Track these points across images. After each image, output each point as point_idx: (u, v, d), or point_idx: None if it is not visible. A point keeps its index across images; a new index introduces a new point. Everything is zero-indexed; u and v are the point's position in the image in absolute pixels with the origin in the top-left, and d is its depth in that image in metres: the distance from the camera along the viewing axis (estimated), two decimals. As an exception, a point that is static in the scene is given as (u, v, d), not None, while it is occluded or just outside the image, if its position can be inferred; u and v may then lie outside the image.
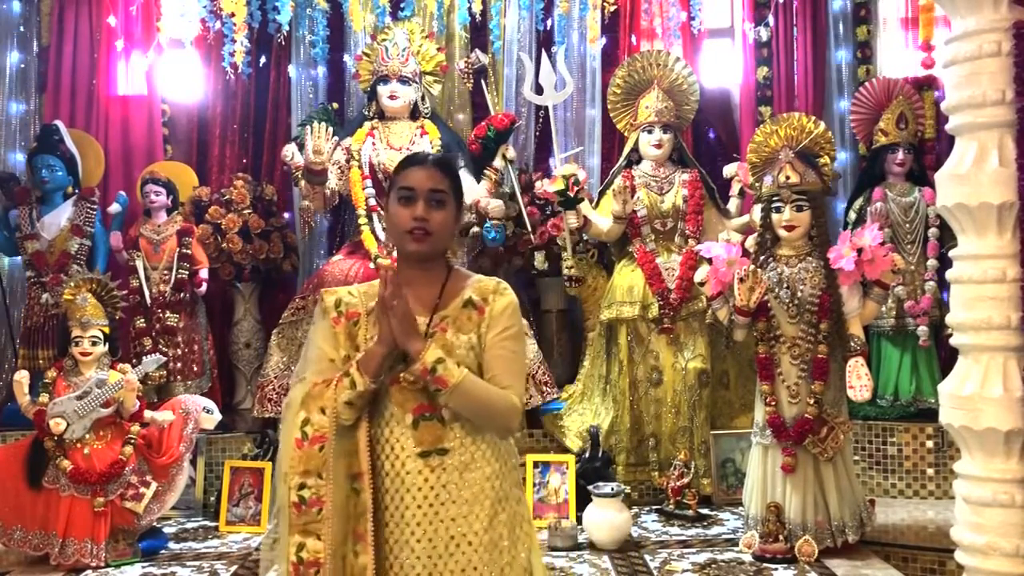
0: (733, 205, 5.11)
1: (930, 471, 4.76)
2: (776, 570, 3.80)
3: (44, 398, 4.08)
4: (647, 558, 3.98)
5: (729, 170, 5.10)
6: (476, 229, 5.15)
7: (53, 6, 5.69)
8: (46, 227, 5.13)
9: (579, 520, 4.31)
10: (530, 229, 5.11)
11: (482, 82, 5.39)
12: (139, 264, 5.07)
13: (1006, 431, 2.71)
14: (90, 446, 4.06)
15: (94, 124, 5.61)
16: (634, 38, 5.75)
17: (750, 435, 4.19)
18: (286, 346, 4.93)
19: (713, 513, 4.63)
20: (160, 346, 4.97)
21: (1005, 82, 2.71)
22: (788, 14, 5.71)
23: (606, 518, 4.12)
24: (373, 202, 4.98)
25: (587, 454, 4.66)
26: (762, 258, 4.07)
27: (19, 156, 5.56)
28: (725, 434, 4.86)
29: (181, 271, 5.09)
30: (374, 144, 5.08)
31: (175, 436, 4.22)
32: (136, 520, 4.11)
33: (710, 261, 4.15)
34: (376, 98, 5.18)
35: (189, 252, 5.11)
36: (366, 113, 5.26)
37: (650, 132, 5.06)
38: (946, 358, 4.46)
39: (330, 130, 4.81)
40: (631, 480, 4.85)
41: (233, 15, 5.32)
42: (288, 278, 5.73)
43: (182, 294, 5.10)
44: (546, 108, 5.24)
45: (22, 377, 4.18)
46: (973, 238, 2.81)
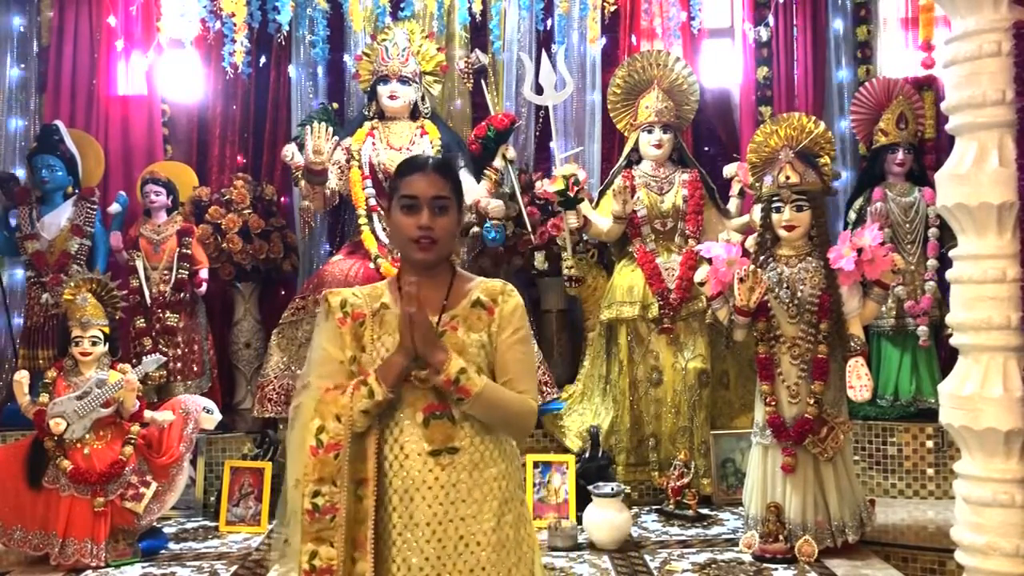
0: (733, 205, 5.11)
1: (930, 471, 4.76)
2: (776, 570, 3.80)
3: (44, 398, 4.08)
4: (647, 558, 3.98)
5: (729, 170, 5.10)
6: (476, 229, 5.15)
7: (53, 6, 5.69)
8: (46, 227, 5.13)
9: (579, 520, 4.31)
10: (530, 229, 5.11)
11: (482, 82, 5.39)
12: (139, 264, 5.07)
13: (1006, 431, 2.71)
14: (90, 446, 4.06)
15: (94, 124, 5.61)
16: (634, 38, 5.75)
17: (750, 435, 4.19)
18: (286, 346, 4.93)
19: (713, 513, 4.63)
20: (160, 346, 4.97)
21: (1005, 82, 2.71)
22: (788, 14, 5.71)
23: (606, 518, 4.12)
24: (373, 202, 4.98)
25: (587, 454, 4.66)
26: (762, 258, 4.07)
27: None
28: (725, 434, 4.86)
29: (181, 271, 5.09)
30: (374, 144, 5.08)
31: (175, 436, 4.22)
32: (136, 520, 4.11)
33: (710, 261, 4.15)
34: (376, 98, 5.18)
35: (189, 252, 5.11)
36: (366, 113, 5.26)
37: (650, 132, 5.06)
38: (946, 358, 4.46)
39: (330, 130, 4.81)
40: (631, 480, 4.85)
41: (233, 15, 5.32)
42: (288, 278, 5.73)
43: (182, 294, 5.10)
44: (546, 108, 5.24)
45: (22, 377, 4.18)
46: (973, 238, 2.81)
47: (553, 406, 4.99)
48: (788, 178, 4.01)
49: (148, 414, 4.21)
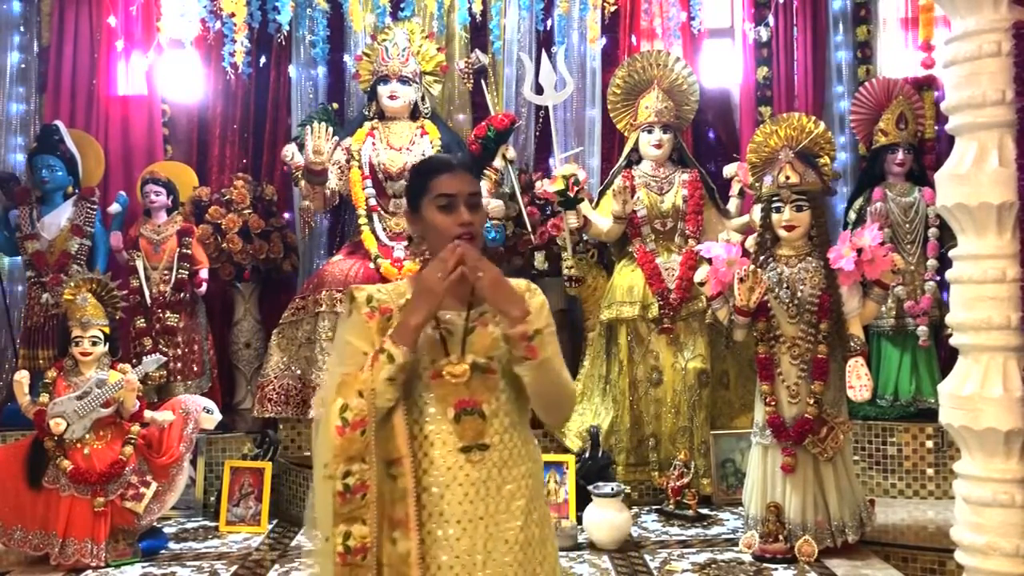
0: (733, 205, 5.11)
1: (930, 471, 4.76)
2: (776, 570, 3.80)
3: (44, 398, 4.08)
4: (647, 558, 3.98)
5: (729, 170, 5.10)
6: (476, 229, 5.14)
7: (53, 6, 5.69)
8: (46, 227, 5.13)
9: (579, 520, 4.31)
10: (530, 229, 5.11)
11: (482, 82, 5.39)
12: (139, 264, 5.07)
13: (1006, 431, 2.71)
14: (90, 446, 4.06)
15: (94, 124, 5.62)
16: (634, 38, 5.75)
17: (750, 435, 4.19)
18: (286, 346, 4.93)
19: (713, 513, 4.63)
20: (160, 346, 4.97)
21: (1005, 82, 2.71)
22: (788, 14, 5.71)
23: (606, 518, 4.12)
24: (373, 202, 4.98)
25: (587, 454, 4.66)
26: (762, 258, 4.07)
27: (19, 156, 5.55)
28: (725, 434, 4.86)
29: (181, 271, 5.09)
30: (374, 144, 5.08)
31: (175, 436, 4.22)
32: (136, 520, 4.11)
33: (710, 261, 4.15)
34: (376, 98, 5.18)
35: (189, 252, 5.11)
36: (366, 113, 5.26)
37: (650, 132, 5.06)
38: (946, 358, 4.46)
39: (330, 130, 4.81)
40: (631, 480, 4.84)
41: (233, 15, 5.32)
42: (288, 278, 5.73)
43: (182, 294, 5.11)
44: (546, 108, 5.24)
45: (22, 377, 4.18)
46: (973, 238, 2.81)
47: (553, 406, 4.97)
48: (788, 178, 4.01)
49: (148, 414, 4.21)
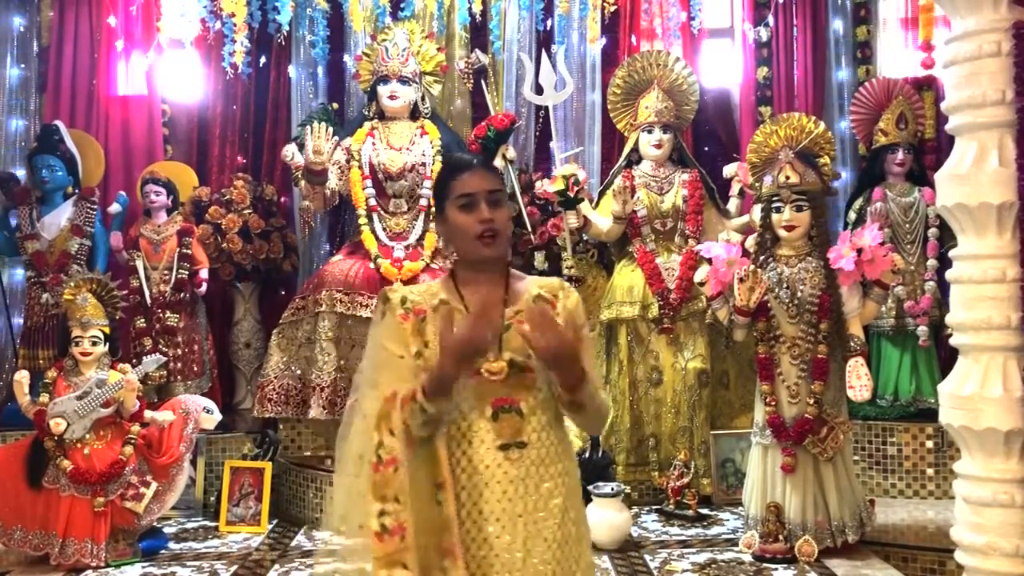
0: (733, 205, 5.11)
1: (930, 471, 4.76)
2: (776, 570, 3.80)
3: (44, 398, 4.08)
4: (647, 558, 3.98)
5: (729, 170, 5.10)
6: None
7: (53, 6, 5.69)
8: (46, 227, 5.13)
9: (579, 520, 4.31)
10: (530, 229, 5.11)
11: (482, 82, 5.39)
12: (139, 264, 5.07)
13: (1006, 431, 2.71)
14: (90, 446, 4.06)
15: (94, 124, 5.61)
16: (634, 38, 5.75)
17: (750, 435, 4.19)
18: (286, 346, 4.92)
19: (713, 513, 4.63)
20: (160, 346, 4.97)
21: (1005, 82, 2.71)
22: (788, 14, 5.71)
23: (606, 518, 4.12)
24: (373, 202, 4.98)
25: (587, 454, 4.66)
26: (762, 258, 4.07)
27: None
28: (725, 434, 4.86)
29: (181, 271, 5.09)
30: (374, 144, 5.08)
31: (175, 436, 4.22)
32: (136, 520, 4.11)
33: (710, 261, 4.15)
34: (376, 98, 5.17)
35: (189, 252, 5.11)
36: (366, 113, 5.25)
37: (650, 132, 5.06)
38: (946, 358, 4.46)
39: (330, 130, 4.81)
40: (631, 480, 4.84)
41: (233, 15, 5.32)
42: (288, 278, 5.73)
43: (182, 294, 5.11)
44: (546, 108, 5.24)
45: (22, 377, 4.18)
46: (973, 238, 2.81)
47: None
48: (788, 178, 4.01)
49: (148, 414, 4.21)
